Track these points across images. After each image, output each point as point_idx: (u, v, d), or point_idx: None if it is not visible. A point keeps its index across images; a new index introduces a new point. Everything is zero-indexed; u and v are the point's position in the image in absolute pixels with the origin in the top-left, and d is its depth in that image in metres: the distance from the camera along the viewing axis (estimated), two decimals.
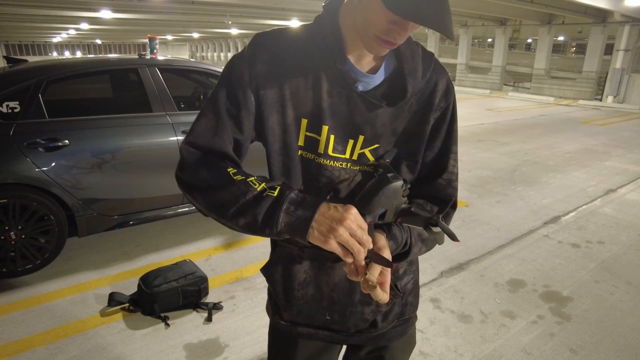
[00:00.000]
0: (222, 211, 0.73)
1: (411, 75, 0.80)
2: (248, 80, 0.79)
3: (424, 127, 0.85)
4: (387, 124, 0.82)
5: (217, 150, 0.79)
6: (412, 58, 0.81)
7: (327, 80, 0.79)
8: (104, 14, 15.14)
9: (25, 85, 2.68)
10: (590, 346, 2.23)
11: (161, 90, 3.13)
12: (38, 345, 2.14)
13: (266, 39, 0.81)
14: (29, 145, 2.60)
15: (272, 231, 0.69)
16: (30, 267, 2.75)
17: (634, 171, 5.78)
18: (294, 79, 0.79)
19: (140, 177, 3.01)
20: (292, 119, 0.81)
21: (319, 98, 0.79)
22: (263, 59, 0.79)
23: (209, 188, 0.74)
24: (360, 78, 0.79)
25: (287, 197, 0.69)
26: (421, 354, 2.14)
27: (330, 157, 0.82)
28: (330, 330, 0.96)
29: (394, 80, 0.81)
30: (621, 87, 14.21)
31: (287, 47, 0.80)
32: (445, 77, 0.86)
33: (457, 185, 0.90)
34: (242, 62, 0.80)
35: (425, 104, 0.84)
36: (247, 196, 0.71)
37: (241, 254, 3.16)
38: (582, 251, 3.34)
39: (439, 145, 0.87)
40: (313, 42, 0.79)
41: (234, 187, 0.72)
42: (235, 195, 0.71)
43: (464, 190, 4.78)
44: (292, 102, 0.80)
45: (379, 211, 0.75)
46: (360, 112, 0.80)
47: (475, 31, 20.00)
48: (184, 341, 2.20)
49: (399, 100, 0.81)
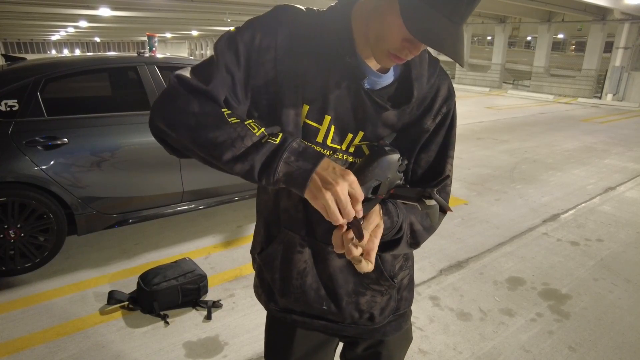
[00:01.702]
0: (214, 153, 0.68)
1: (418, 80, 0.81)
2: (267, 46, 0.75)
3: (422, 130, 0.85)
4: (388, 126, 0.82)
5: (213, 95, 0.73)
6: (420, 63, 0.81)
7: (337, 71, 0.78)
8: (103, 11, 15.12)
9: (23, 83, 2.67)
10: (588, 344, 2.24)
11: (160, 88, 3.12)
12: (38, 344, 2.14)
13: (289, 13, 0.78)
14: (27, 143, 2.60)
15: (268, 180, 0.67)
16: (30, 265, 2.74)
17: (633, 169, 5.78)
18: (306, 62, 0.77)
19: (139, 175, 3.01)
20: (291, 99, 0.78)
21: (326, 87, 0.78)
22: (284, 32, 0.76)
23: (199, 125, 0.69)
24: (370, 75, 0.79)
25: (288, 145, 0.67)
26: (420, 352, 2.15)
27: (328, 147, 0.82)
28: (326, 319, 0.97)
29: (401, 84, 0.82)
30: (621, 85, 14.20)
31: (306, 28, 0.77)
32: (447, 82, 0.86)
33: (450, 190, 0.91)
34: (261, 29, 0.76)
35: (426, 108, 0.84)
36: (245, 140, 0.67)
37: (240, 252, 3.17)
38: (581, 249, 3.35)
39: (435, 150, 0.87)
40: (327, 31, 0.77)
41: (229, 128, 0.68)
42: (231, 138, 0.67)
43: (463, 188, 4.78)
44: (298, 83, 0.77)
45: (373, 183, 0.73)
46: (364, 110, 0.80)
47: (475, 29, 19.97)
48: (184, 339, 2.21)
49: (404, 104, 0.81)
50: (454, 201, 4.35)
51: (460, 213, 4.04)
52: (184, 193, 3.20)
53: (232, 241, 3.35)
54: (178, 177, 3.13)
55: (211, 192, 3.34)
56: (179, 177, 3.13)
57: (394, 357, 1.05)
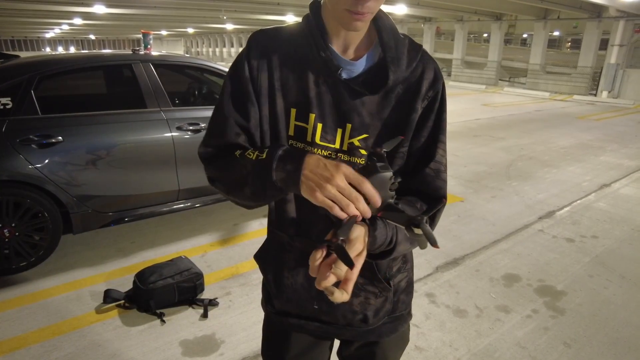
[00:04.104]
0: (236, 190, 0.80)
1: (393, 63, 0.81)
2: (248, 74, 0.84)
3: (412, 115, 0.85)
4: (374, 113, 0.83)
5: (228, 144, 0.84)
6: (396, 48, 0.82)
7: (314, 70, 0.83)
8: (98, 9, 14.99)
9: (17, 81, 2.65)
10: (584, 339, 2.25)
11: (155, 86, 3.10)
12: (33, 343, 2.14)
13: (260, 35, 0.87)
14: (21, 142, 2.58)
15: (274, 191, 0.72)
16: (25, 264, 2.73)
17: (628, 166, 5.81)
18: (283, 70, 0.84)
19: (134, 173, 2.99)
20: (281, 108, 0.84)
21: (306, 88, 0.83)
22: (257, 54, 0.84)
23: (224, 175, 0.82)
24: (344, 65, 0.81)
25: (275, 155, 0.72)
26: (416, 349, 2.16)
27: (319, 146, 0.84)
28: (320, 321, 0.96)
29: (376, 69, 0.83)
30: (616, 82, 14.26)
31: (279, 41, 0.86)
32: (432, 66, 0.86)
33: (446, 177, 0.89)
34: (241, 60, 0.86)
35: (413, 92, 0.84)
36: (247, 167, 0.75)
37: (237, 250, 3.16)
38: (577, 246, 3.36)
39: (426, 135, 0.87)
40: (302, 36, 0.84)
41: (238, 164, 0.78)
42: (240, 172, 0.77)
43: (460, 186, 4.79)
44: (281, 93, 0.84)
45: None
46: (345, 101, 0.82)
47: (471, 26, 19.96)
48: (180, 337, 2.20)
49: (381, 88, 0.82)
50: (450, 198, 4.36)
51: (456, 210, 4.05)
52: (180, 191, 3.19)
53: (229, 239, 3.34)
54: (174, 175, 3.12)
55: (207, 190, 3.33)
56: (175, 175, 3.12)
57: (388, 357, 1.04)
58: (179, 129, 3.09)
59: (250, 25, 26.25)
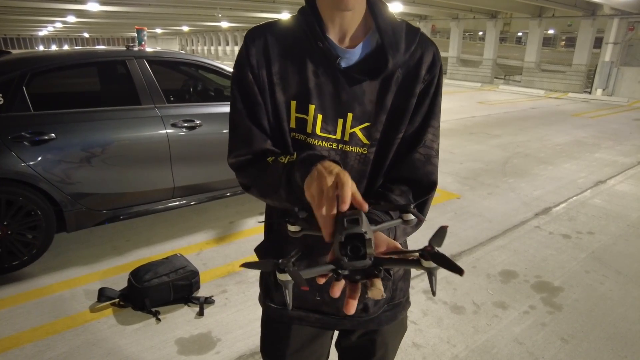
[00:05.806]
0: (271, 194, 0.80)
1: (392, 47, 0.80)
2: (251, 75, 0.84)
3: (411, 100, 0.84)
4: (374, 101, 0.83)
5: (256, 151, 0.85)
6: (393, 33, 0.82)
7: (312, 61, 0.82)
8: (91, 6, 14.86)
9: (8, 77, 2.61)
10: (580, 335, 2.25)
11: (150, 82, 3.07)
12: (26, 342, 2.11)
13: (256, 31, 0.86)
14: (13, 139, 2.54)
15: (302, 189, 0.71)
16: (18, 263, 2.69)
17: (623, 163, 5.84)
18: (282, 63, 0.83)
19: (129, 171, 2.97)
20: (282, 101, 0.84)
21: (305, 79, 0.82)
22: (255, 51, 0.84)
23: (257, 180, 0.83)
24: (342, 54, 0.81)
25: (298, 158, 0.74)
26: (414, 345, 2.15)
27: (319, 137, 0.83)
28: (321, 312, 0.96)
29: (374, 54, 0.82)
30: (610, 80, 14.33)
31: (276, 35, 0.85)
32: (431, 49, 0.85)
33: (437, 162, 0.88)
34: (242, 60, 0.85)
35: (412, 76, 0.83)
36: (280, 171, 0.76)
37: (233, 248, 3.14)
38: (573, 242, 3.37)
39: (419, 120, 0.86)
40: (298, 28, 0.84)
41: (270, 169, 0.79)
42: (273, 176, 0.77)
43: (456, 183, 4.79)
44: (281, 86, 0.84)
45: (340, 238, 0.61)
46: (345, 90, 0.82)
47: (467, 24, 19.99)
48: (176, 336, 2.18)
49: (381, 73, 0.81)
50: (446, 195, 4.37)
51: (452, 207, 4.05)
52: (175, 189, 3.16)
53: (224, 237, 3.32)
54: (169, 172, 3.09)
55: (202, 188, 3.31)
56: (170, 172, 3.09)
57: (388, 344, 1.05)
58: (174, 126, 3.06)
59: (246, 23, 26.16)
